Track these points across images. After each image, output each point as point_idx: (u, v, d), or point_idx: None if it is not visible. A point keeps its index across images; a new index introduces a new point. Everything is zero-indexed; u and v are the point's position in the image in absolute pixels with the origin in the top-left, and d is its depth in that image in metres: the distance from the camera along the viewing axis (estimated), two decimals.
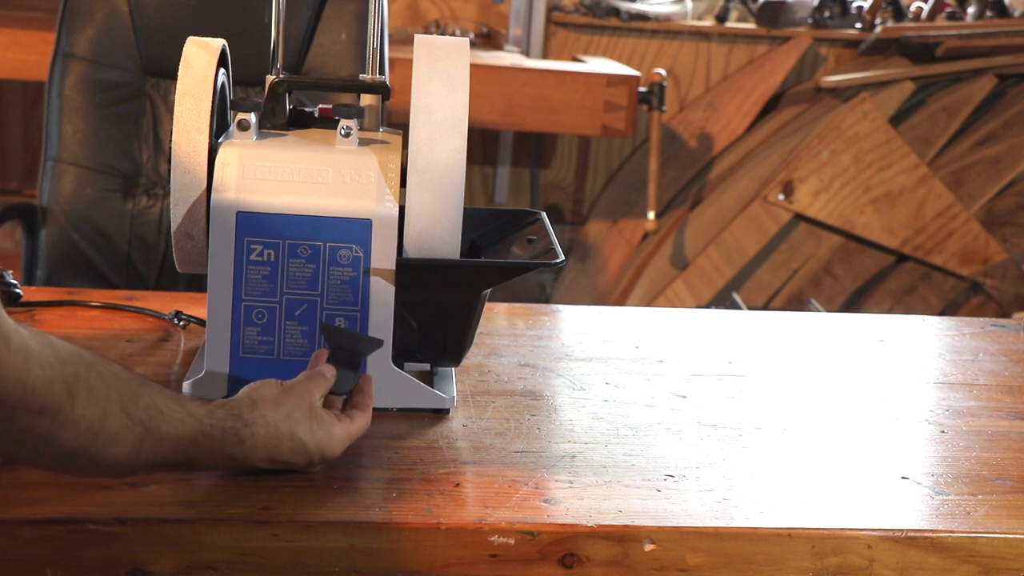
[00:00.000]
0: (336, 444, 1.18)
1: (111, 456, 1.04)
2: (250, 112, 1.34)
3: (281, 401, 1.16)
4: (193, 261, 1.36)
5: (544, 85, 3.64)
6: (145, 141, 2.23)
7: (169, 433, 1.07)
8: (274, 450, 1.15)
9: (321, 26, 2.22)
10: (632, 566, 1.13)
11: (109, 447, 1.03)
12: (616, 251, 4.05)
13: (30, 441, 1.00)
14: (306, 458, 1.17)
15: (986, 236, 3.85)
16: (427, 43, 1.34)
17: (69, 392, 0.99)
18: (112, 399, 1.03)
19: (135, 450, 1.05)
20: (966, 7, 4.17)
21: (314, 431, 1.17)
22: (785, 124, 4.04)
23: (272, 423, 1.15)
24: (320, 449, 1.17)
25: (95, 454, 1.03)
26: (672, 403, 1.44)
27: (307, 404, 1.18)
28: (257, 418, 1.14)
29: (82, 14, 2.20)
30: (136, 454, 1.06)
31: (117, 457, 1.04)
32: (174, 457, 1.09)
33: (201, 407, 1.12)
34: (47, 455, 1.02)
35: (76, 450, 1.02)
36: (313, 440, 1.17)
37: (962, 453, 1.34)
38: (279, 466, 1.17)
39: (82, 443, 1.01)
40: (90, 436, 1.01)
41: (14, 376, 0.95)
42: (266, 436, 1.14)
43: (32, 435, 0.99)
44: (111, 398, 1.02)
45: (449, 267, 1.34)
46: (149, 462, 1.07)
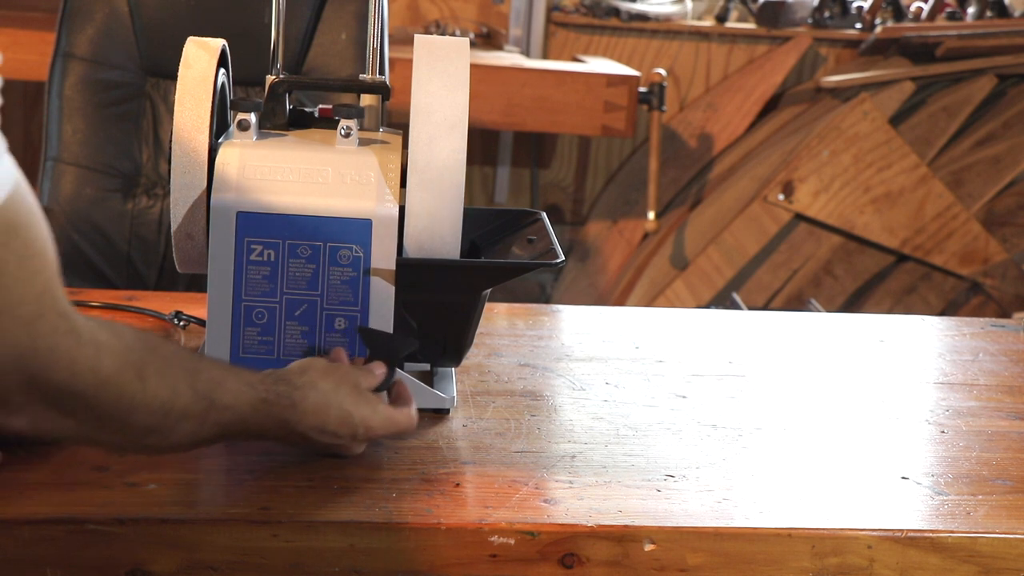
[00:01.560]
0: (379, 422, 1.21)
1: (181, 431, 1.08)
2: (250, 112, 1.34)
3: (330, 373, 1.21)
4: (193, 261, 1.36)
5: (544, 85, 3.64)
6: (145, 141, 2.23)
7: (229, 403, 1.11)
8: (323, 417, 1.17)
9: (321, 26, 2.22)
10: (632, 566, 1.13)
11: (179, 423, 1.07)
12: (616, 251, 4.05)
13: (107, 427, 1.04)
14: (351, 430, 1.19)
15: (986, 236, 3.85)
16: (427, 43, 1.34)
17: (139, 376, 1.03)
18: (178, 377, 1.07)
19: (201, 423, 1.09)
20: (966, 7, 4.17)
21: (360, 405, 1.20)
22: (785, 124, 4.04)
23: (322, 391, 1.18)
24: (365, 422, 1.20)
25: (167, 431, 1.07)
26: (672, 403, 1.44)
27: (353, 382, 1.22)
28: (307, 383, 1.18)
29: (82, 14, 2.20)
30: (202, 426, 1.09)
31: (186, 432, 1.08)
32: (234, 426, 1.12)
33: (254, 375, 1.15)
34: (122, 438, 1.06)
35: (149, 430, 1.06)
36: (359, 413, 1.20)
37: (962, 453, 1.34)
38: (326, 438, 1.19)
39: (154, 423, 1.05)
40: (162, 415, 1.05)
41: (88, 367, 0.98)
42: (315, 402, 1.17)
43: (108, 421, 1.03)
44: (177, 376, 1.06)
45: (449, 267, 1.34)
46: (214, 433, 1.11)
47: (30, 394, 0.98)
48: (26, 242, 0.94)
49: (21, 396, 0.98)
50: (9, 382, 0.96)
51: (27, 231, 0.94)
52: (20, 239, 0.93)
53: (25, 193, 0.94)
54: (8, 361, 0.95)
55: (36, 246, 0.95)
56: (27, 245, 0.94)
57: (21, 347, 0.95)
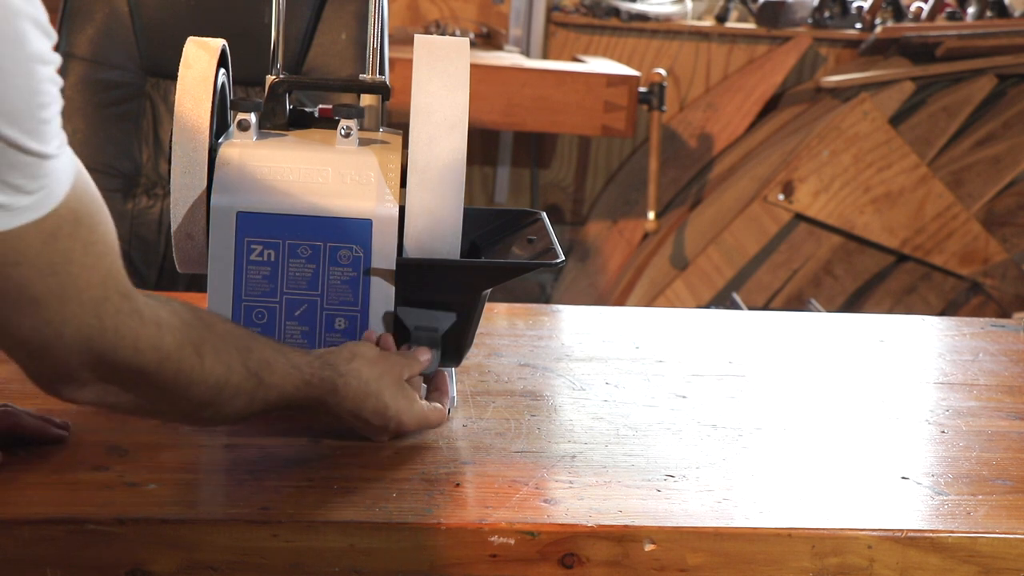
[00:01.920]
0: (412, 418, 1.26)
1: (233, 407, 1.14)
2: (250, 112, 1.34)
3: (377, 362, 1.24)
4: (193, 261, 1.36)
5: (544, 85, 3.64)
6: (145, 141, 2.23)
7: (276, 383, 1.16)
8: (360, 404, 1.22)
9: (321, 26, 2.22)
10: (632, 566, 1.13)
11: (232, 399, 1.13)
12: (616, 251, 4.06)
13: (166, 400, 1.11)
14: (383, 421, 1.23)
15: (986, 236, 3.85)
16: (427, 43, 1.34)
17: (198, 354, 1.09)
18: (233, 355, 1.13)
19: (251, 400, 1.15)
20: (966, 7, 4.17)
21: (397, 398, 1.24)
22: (785, 124, 4.04)
23: (364, 379, 1.22)
24: (398, 416, 1.24)
25: (220, 406, 1.13)
26: (672, 403, 1.44)
27: (397, 374, 1.25)
28: (352, 371, 1.21)
29: (82, 14, 2.20)
30: (251, 403, 1.15)
31: (237, 407, 1.14)
32: (278, 404, 1.18)
33: (302, 357, 1.20)
34: (179, 410, 1.14)
35: (205, 403, 1.12)
36: (395, 406, 1.24)
37: (962, 453, 1.34)
38: (359, 424, 1.24)
39: (210, 398, 1.12)
40: (216, 390, 1.11)
41: (150, 345, 1.05)
42: (356, 390, 1.21)
43: (168, 395, 1.10)
44: (232, 354, 1.12)
45: (449, 267, 1.33)
46: (261, 408, 1.17)
47: (96, 371, 1.04)
48: (90, 229, 1.00)
49: (88, 373, 1.04)
50: (78, 361, 1.03)
51: (91, 219, 1.00)
52: (85, 227, 0.99)
53: (87, 182, 1.01)
54: (77, 342, 1.01)
55: (99, 232, 1.01)
56: (91, 231, 1.00)
57: (89, 329, 1.01)
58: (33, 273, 0.97)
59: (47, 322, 0.99)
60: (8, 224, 0.94)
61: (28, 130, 0.92)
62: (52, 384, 1.06)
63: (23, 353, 1.04)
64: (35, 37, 0.92)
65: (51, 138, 0.95)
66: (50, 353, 1.02)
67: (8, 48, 0.90)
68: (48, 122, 0.94)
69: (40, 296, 0.98)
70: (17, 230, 0.95)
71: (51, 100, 0.94)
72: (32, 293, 0.98)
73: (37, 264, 0.97)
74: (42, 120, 0.93)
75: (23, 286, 0.97)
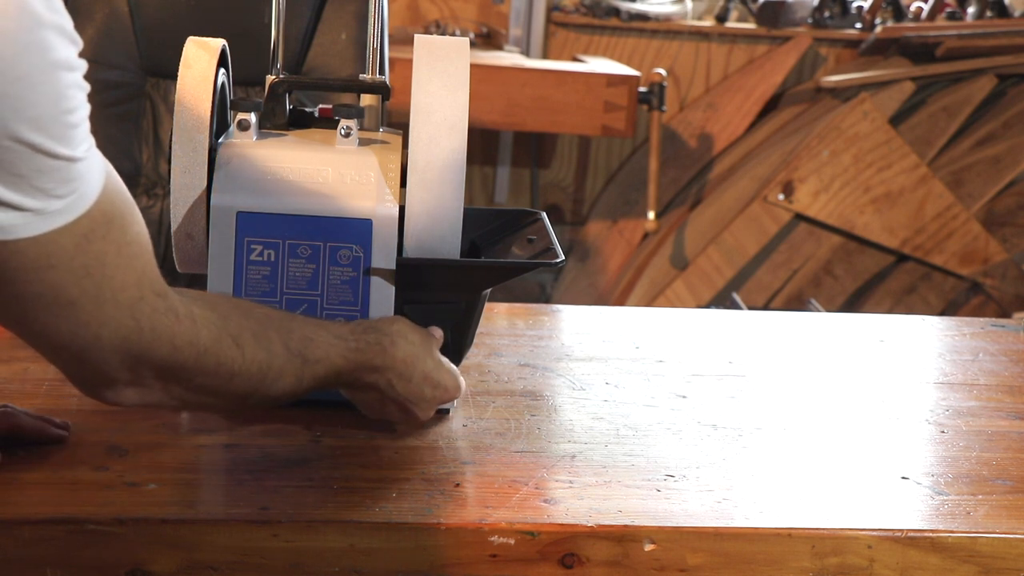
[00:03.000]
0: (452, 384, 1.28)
1: (279, 389, 1.14)
2: (250, 112, 1.34)
3: (417, 328, 1.26)
4: (193, 261, 1.36)
5: (544, 85, 3.64)
6: (145, 141, 2.23)
7: (322, 357, 1.17)
8: (411, 368, 1.23)
9: (321, 26, 2.22)
10: (632, 566, 1.13)
11: (277, 382, 1.14)
12: (616, 251, 4.06)
13: (210, 393, 1.11)
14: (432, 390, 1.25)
15: (986, 236, 3.85)
16: (427, 43, 1.34)
17: (237, 344, 1.10)
18: (273, 339, 1.13)
19: (298, 379, 1.15)
20: (966, 7, 4.17)
21: (441, 368, 1.26)
22: (785, 124, 4.04)
23: (412, 342, 1.23)
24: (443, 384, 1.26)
25: (266, 390, 1.14)
26: (672, 403, 1.44)
27: (434, 344, 1.27)
28: (398, 332, 1.23)
29: (82, 14, 2.20)
30: (299, 382, 1.16)
31: (284, 389, 1.15)
32: (329, 378, 1.18)
33: (344, 327, 1.21)
34: (225, 401, 1.14)
35: (249, 392, 1.13)
36: (440, 373, 1.26)
37: (962, 453, 1.34)
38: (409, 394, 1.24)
39: (254, 385, 1.12)
40: (260, 377, 1.12)
41: (187, 342, 1.06)
42: (406, 352, 1.22)
43: (211, 388, 1.10)
44: (272, 338, 1.13)
45: (449, 267, 1.33)
46: (311, 385, 1.17)
47: (136, 371, 1.05)
48: (123, 229, 1.01)
49: (128, 373, 1.05)
50: (117, 362, 1.03)
51: (122, 220, 1.01)
52: (117, 228, 1.00)
53: (117, 183, 1.02)
54: (115, 343, 1.02)
55: (132, 232, 1.02)
56: (124, 232, 1.01)
57: (125, 330, 1.02)
58: (68, 277, 0.98)
59: (84, 324, 1.00)
60: (41, 228, 0.95)
61: (56, 135, 0.93)
62: (95, 388, 1.07)
63: (63, 358, 1.04)
64: (60, 45, 0.95)
65: (79, 142, 0.95)
66: (89, 356, 1.02)
67: (34, 57, 0.92)
68: (76, 127, 0.95)
69: (76, 299, 0.99)
70: (50, 234, 0.95)
71: (77, 105, 0.95)
72: (68, 296, 0.98)
73: (71, 267, 0.97)
74: (69, 125, 0.94)
75: (59, 290, 0.98)
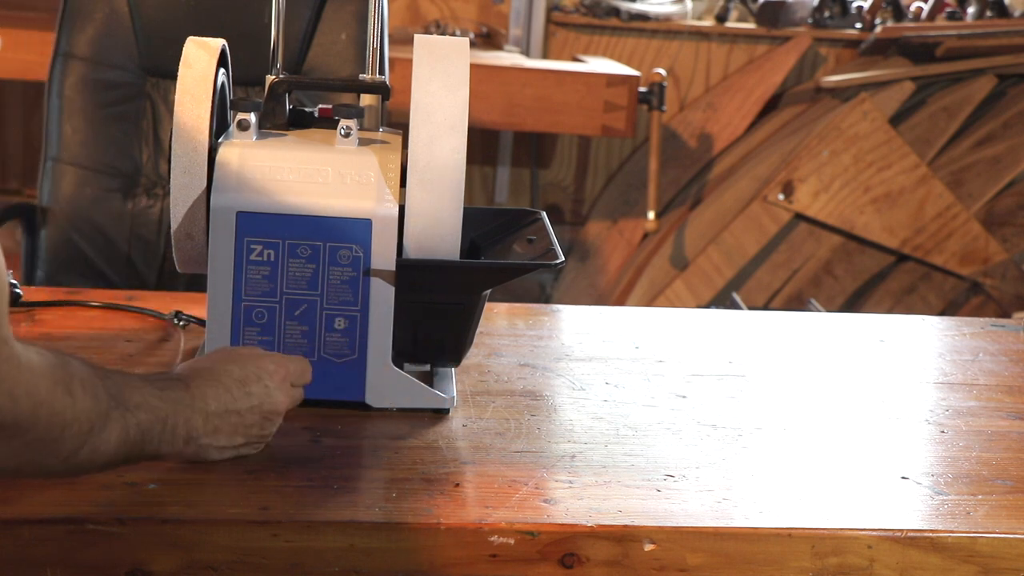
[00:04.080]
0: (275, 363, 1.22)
1: (109, 439, 1.06)
2: (250, 112, 1.34)
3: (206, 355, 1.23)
4: (193, 261, 1.36)
5: (544, 85, 3.63)
6: (145, 141, 2.23)
7: (140, 401, 1.09)
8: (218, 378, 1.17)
9: (321, 26, 2.22)
10: (632, 566, 1.13)
11: (105, 430, 1.05)
12: (616, 251, 4.05)
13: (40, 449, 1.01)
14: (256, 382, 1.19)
15: (986, 236, 3.85)
16: (427, 43, 1.34)
17: (68, 392, 1.01)
18: (96, 384, 1.05)
19: (124, 428, 1.07)
20: (966, 7, 4.17)
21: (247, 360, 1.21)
22: (785, 124, 4.04)
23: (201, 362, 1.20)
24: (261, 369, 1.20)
25: (96, 442, 1.04)
26: (672, 403, 1.44)
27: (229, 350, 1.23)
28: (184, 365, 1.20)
29: (82, 14, 2.20)
30: (126, 431, 1.07)
31: (113, 439, 1.06)
32: (154, 426, 1.10)
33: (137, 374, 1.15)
34: (54, 459, 1.03)
35: (80, 445, 1.03)
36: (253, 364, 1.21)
37: (962, 453, 1.34)
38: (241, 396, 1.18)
39: (84, 435, 1.03)
40: (89, 426, 1.03)
41: (25, 392, 0.97)
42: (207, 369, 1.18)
43: (42, 443, 1.01)
44: (96, 384, 1.05)
45: (449, 268, 1.33)
46: (136, 438, 1.09)
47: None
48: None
49: None
50: None
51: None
52: None
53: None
54: None
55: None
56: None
57: None
58: None
59: None
60: None
61: None
62: None
63: None
64: None
65: None
66: None
67: None
68: None
69: None
70: None
71: None
72: None
73: None
74: None
75: None
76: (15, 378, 0.96)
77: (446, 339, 1.37)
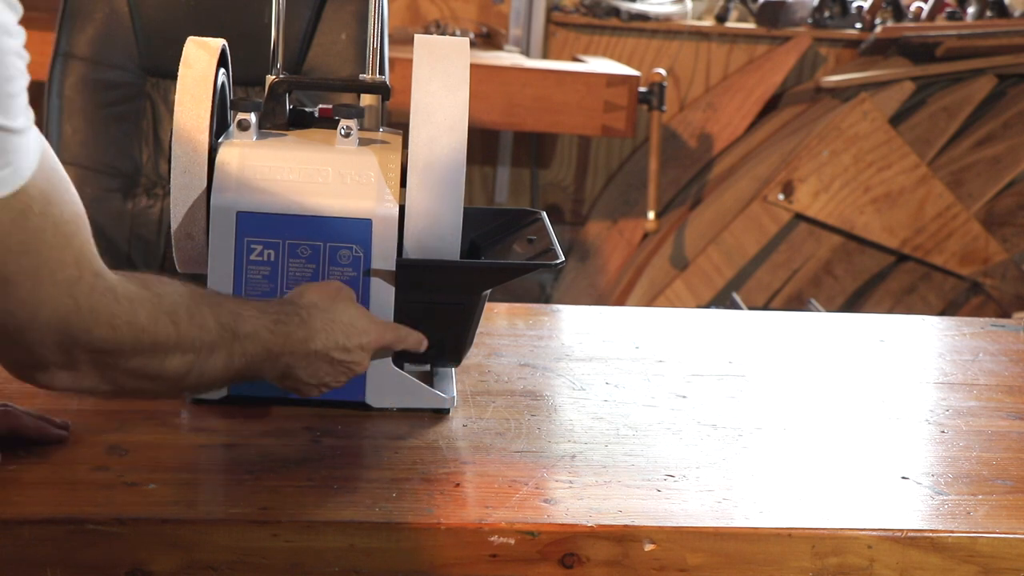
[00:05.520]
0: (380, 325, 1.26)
1: (213, 366, 1.12)
2: (250, 112, 1.34)
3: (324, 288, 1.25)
4: (193, 261, 1.36)
5: (544, 85, 3.63)
6: (145, 141, 2.23)
7: (250, 331, 1.14)
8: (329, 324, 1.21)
9: (321, 26, 2.22)
10: (632, 566, 1.13)
11: (210, 358, 1.11)
12: (616, 251, 4.05)
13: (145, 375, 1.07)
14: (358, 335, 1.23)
15: (986, 236, 3.85)
16: (427, 43, 1.34)
17: (173, 321, 1.07)
18: (205, 314, 1.10)
19: (229, 356, 1.13)
20: (966, 7, 4.17)
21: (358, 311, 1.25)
22: (785, 124, 4.04)
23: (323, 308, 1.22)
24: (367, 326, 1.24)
25: (200, 368, 1.11)
26: (672, 403, 1.44)
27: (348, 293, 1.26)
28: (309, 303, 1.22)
29: (82, 14, 2.20)
30: (231, 358, 1.13)
31: (217, 366, 1.12)
32: (259, 356, 1.16)
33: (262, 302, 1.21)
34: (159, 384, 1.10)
35: (185, 371, 1.09)
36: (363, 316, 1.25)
37: (962, 453, 1.34)
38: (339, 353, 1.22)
39: (188, 362, 1.09)
40: (194, 353, 1.09)
41: (126, 321, 1.03)
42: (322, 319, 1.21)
43: (145, 370, 1.07)
44: (204, 313, 1.10)
45: (449, 268, 1.33)
46: (242, 364, 1.14)
47: (71, 353, 1.02)
48: (60, 208, 0.98)
49: (63, 356, 1.02)
50: (53, 342, 1.00)
51: (59, 198, 0.98)
52: (55, 206, 0.97)
53: (54, 161, 0.99)
54: (52, 323, 0.99)
55: (69, 210, 0.99)
56: (61, 210, 0.98)
57: (64, 309, 0.99)
58: (4, 253, 0.95)
59: (21, 303, 0.97)
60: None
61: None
62: (27, 370, 1.04)
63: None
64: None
65: (18, 113, 0.93)
66: (24, 336, 0.99)
67: None
68: (14, 96, 0.92)
69: (12, 277, 0.96)
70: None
71: (17, 74, 0.93)
72: (4, 274, 0.95)
73: (8, 243, 0.95)
74: (7, 94, 0.92)
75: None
76: (113, 309, 1.02)
77: (446, 339, 1.37)
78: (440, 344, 1.37)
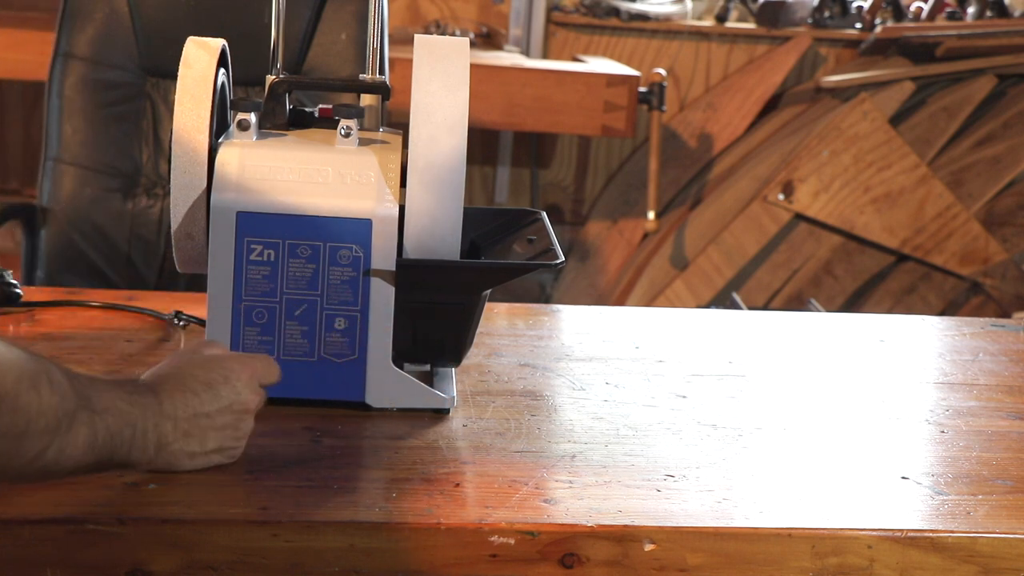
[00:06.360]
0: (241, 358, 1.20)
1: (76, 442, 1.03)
2: (250, 112, 1.34)
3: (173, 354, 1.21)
4: (193, 261, 1.36)
5: (544, 85, 3.64)
6: (145, 141, 2.23)
7: (107, 405, 1.07)
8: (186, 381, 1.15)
9: (321, 26, 2.22)
10: (632, 566, 1.13)
11: (70, 430, 1.02)
12: (616, 251, 4.05)
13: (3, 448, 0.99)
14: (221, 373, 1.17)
15: (986, 236, 3.85)
16: (427, 43, 1.34)
17: (34, 387, 0.99)
18: (64, 384, 1.02)
19: (92, 429, 1.05)
20: (966, 7, 4.17)
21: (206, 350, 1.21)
22: (785, 124, 4.04)
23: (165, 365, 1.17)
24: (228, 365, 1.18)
25: (62, 444, 1.02)
26: (672, 403, 1.44)
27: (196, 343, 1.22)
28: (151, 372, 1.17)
29: (82, 14, 2.20)
30: (95, 434, 1.05)
31: (80, 442, 1.03)
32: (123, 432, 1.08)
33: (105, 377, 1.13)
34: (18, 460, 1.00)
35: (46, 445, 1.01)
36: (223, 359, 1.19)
37: (962, 453, 1.34)
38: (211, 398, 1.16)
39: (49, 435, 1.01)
40: (55, 424, 1.01)
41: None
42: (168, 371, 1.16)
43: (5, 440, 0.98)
44: (63, 383, 1.02)
45: (449, 268, 1.33)
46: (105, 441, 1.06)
47: None
48: None
49: None
50: None
51: None
52: None
53: None
54: None
55: None
56: None
57: None
58: None
59: None
60: None
61: None
62: None
63: None
64: None
65: None
66: None
67: None
68: None
69: None
70: None
71: None
72: None
73: None
74: None
75: None
76: None
77: (446, 339, 1.37)
78: (440, 344, 1.37)
